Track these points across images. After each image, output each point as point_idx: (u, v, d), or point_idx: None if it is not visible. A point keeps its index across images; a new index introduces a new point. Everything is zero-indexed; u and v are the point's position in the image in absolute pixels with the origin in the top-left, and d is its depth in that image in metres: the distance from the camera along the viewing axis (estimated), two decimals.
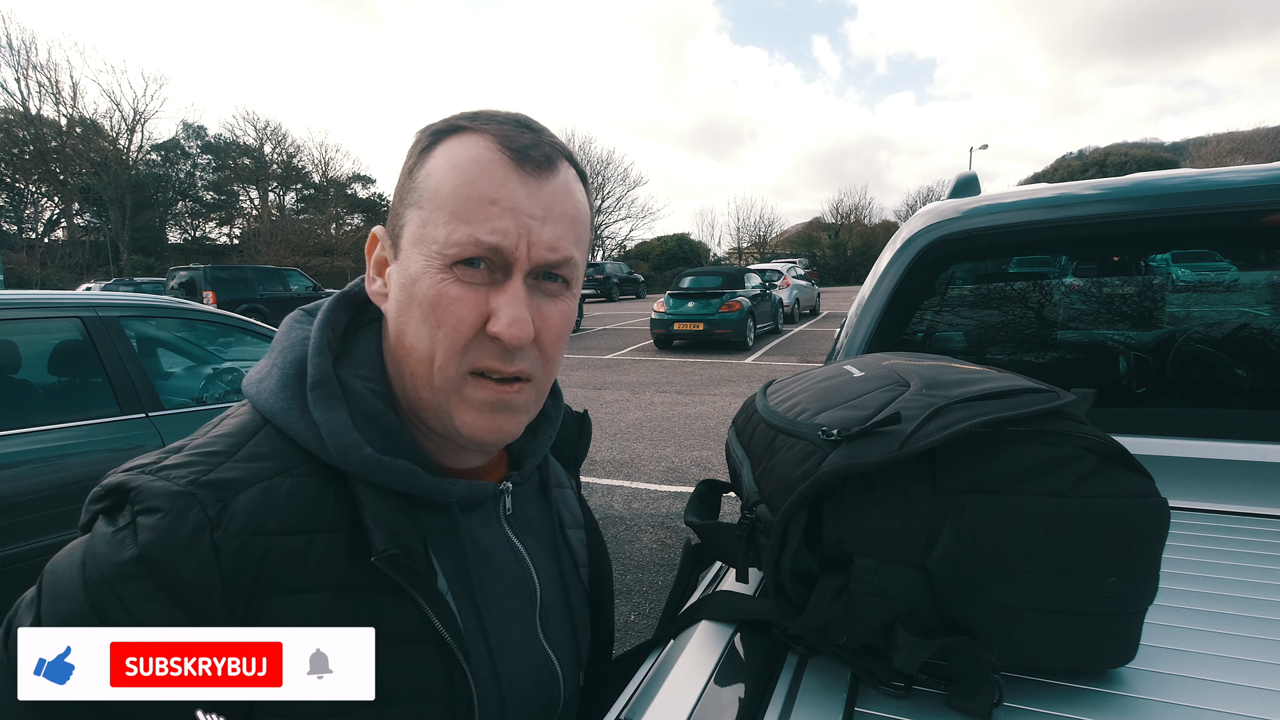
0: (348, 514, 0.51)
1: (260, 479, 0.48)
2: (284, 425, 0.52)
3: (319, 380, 0.53)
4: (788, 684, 0.58)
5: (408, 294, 0.52)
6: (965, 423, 0.53)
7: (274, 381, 0.54)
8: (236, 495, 0.47)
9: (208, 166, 39.18)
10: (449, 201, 0.51)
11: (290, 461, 0.51)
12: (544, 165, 0.53)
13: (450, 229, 0.50)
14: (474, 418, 0.54)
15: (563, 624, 0.66)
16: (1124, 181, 1.29)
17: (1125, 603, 0.53)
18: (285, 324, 0.60)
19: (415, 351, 0.53)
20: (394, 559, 0.49)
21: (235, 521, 0.45)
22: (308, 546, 0.48)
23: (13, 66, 28.96)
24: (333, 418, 0.51)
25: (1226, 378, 1.43)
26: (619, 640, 2.68)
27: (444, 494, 0.55)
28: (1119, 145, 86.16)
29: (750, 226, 50.85)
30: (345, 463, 0.50)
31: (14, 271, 24.14)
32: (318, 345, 0.55)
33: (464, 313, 0.51)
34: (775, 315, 14.03)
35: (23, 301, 2.51)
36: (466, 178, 0.51)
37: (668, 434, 5.91)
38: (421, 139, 0.54)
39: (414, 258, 0.52)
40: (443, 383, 0.53)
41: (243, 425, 0.53)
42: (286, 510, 0.48)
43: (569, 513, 0.74)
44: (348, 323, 0.60)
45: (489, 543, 0.60)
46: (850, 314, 1.52)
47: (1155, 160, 59.16)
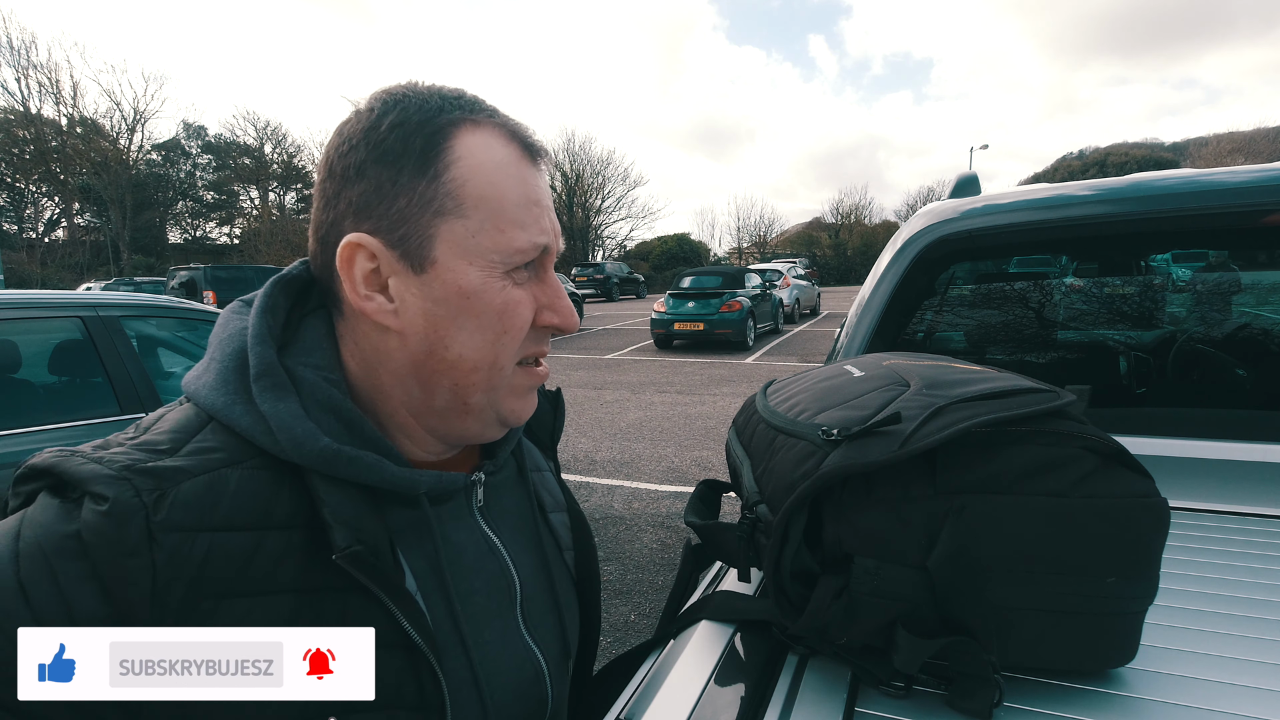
0: (304, 510, 0.47)
1: (205, 470, 0.45)
2: (228, 420, 0.48)
3: (263, 369, 0.49)
4: (788, 684, 0.58)
5: (456, 308, 0.50)
6: (965, 423, 0.53)
7: (213, 376, 0.50)
8: (178, 484, 0.43)
9: (208, 166, 39.21)
10: (502, 209, 0.50)
11: (238, 455, 0.47)
12: (544, 153, 0.54)
13: (511, 236, 0.50)
14: (520, 404, 0.57)
15: (547, 615, 0.64)
16: (1119, 182, 1.30)
17: (1125, 603, 0.53)
18: (222, 316, 0.56)
19: (467, 361, 0.52)
20: (357, 556, 0.46)
21: (175, 513, 0.42)
22: (258, 545, 0.45)
23: (13, 66, 29.00)
24: (282, 408, 0.47)
25: (1226, 378, 1.44)
26: (619, 640, 2.69)
27: (412, 485, 0.52)
28: (1119, 145, 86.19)
29: (750, 226, 50.95)
30: (299, 455, 0.47)
31: (14, 271, 24.14)
32: (258, 333, 0.51)
33: (526, 313, 0.53)
34: (775, 315, 14.03)
35: (23, 301, 2.52)
36: (510, 181, 0.51)
37: (668, 434, 5.91)
38: (414, 134, 0.49)
39: (462, 270, 0.50)
40: (499, 382, 0.54)
41: (183, 421, 0.49)
42: (234, 504, 0.45)
43: (549, 496, 0.72)
44: (289, 309, 0.55)
45: (461, 537, 0.58)
46: (850, 314, 1.52)
47: (1155, 160, 59.16)
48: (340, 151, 0.50)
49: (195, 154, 38.87)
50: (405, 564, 0.52)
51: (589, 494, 4.44)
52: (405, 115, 0.50)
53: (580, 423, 6.42)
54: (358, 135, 0.50)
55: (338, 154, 0.51)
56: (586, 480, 4.72)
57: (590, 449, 5.50)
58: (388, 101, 0.51)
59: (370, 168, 0.49)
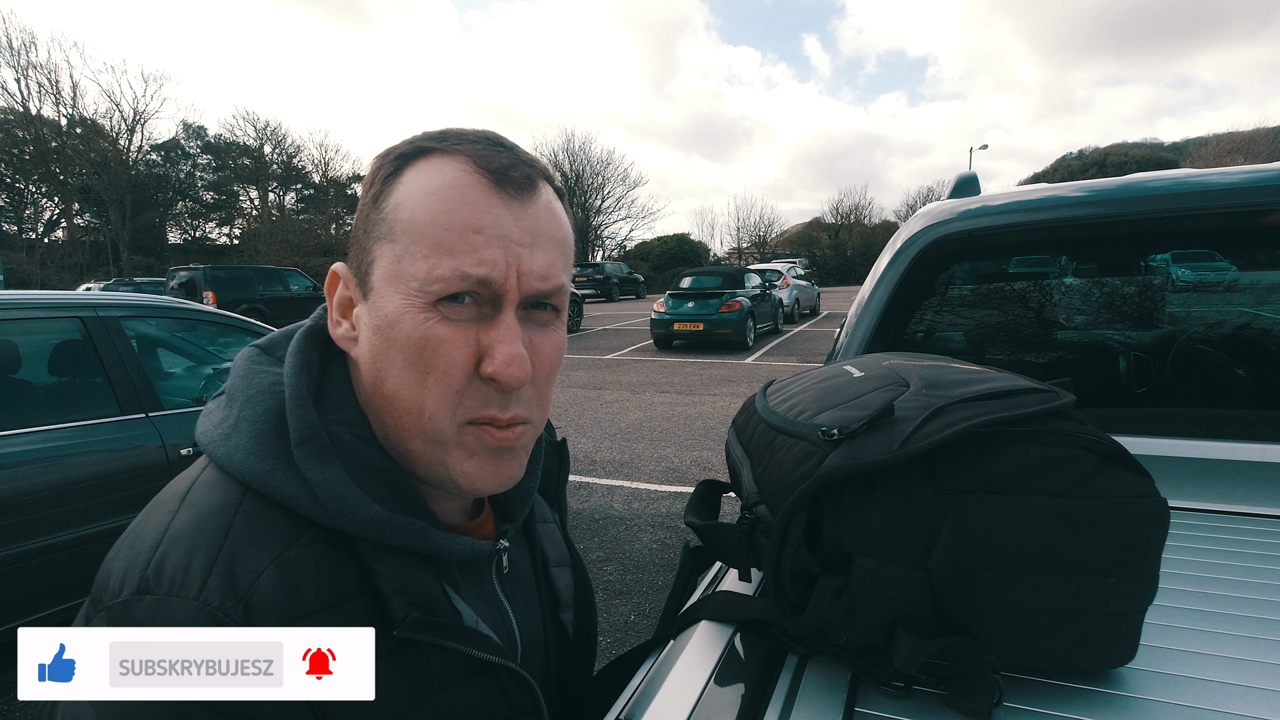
0: (364, 577, 0.47)
1: (270, 559, 0.43)
2: (269, 490, 0.45)
3: (307, 434, 0.47)
4: (788, 684, 0.58)
5: (385, 337, 0.47)
6: (965, 423, 0.53)
7: (245, 439, 0.47)
8: (254, 585, 0.42)
9: (208, 166, 39.18)
10: (428, 232, 0.46)
11: (291, 532, 0.45)
12: (526, 186, 0.49)
13: (431, 263, 0.45)
14: (475, 466, 0.49)
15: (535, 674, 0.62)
16: (1110, 183, 1.30)
17: (1125, 603, 0.53)
18: (242, 365, 0.53)
19: (399, 401, 0.48)
20: (418, 623, 0.46)
21: (268, 615, 0.42)
22: (346, 619, 0.45)
23: (13, 67, 28.98)
24: (329, 475, 0.45)
25: (1226, 378, 1.44)
26: (619, 640, 2.68)
27: (449, 552, 0.51)
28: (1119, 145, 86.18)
29: (750, 226, 50.97)
30: (350, 524, 0.46)
31: (14, 271, 24.14)
32: (298, 394, 0.48)
33: (455, 355, 0.47)
34: (775, 315, 14.03)
35: (23, 301, 2.52)
36: (445, 205, 0.46)
37: (668, 434, 5.91)
38: (384, 165, 0.49)
39: (389, 297, 0.47)
40: (435, 434, 0.48)
41: (221, 499, 0.46)
42: (313, 588, 0.44)
43: (554, 549, 0.70)
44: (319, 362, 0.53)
45: (479, 605, 0.56)
46: (850, 314, 1.52)
47: (1155, 160, 59.17)
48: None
49: (195, 154, 38.85)
50: (463, 602, 0.53)
51: (589, 494, 4.44)
52: (390, 149, 0.50)
53: (580, 423, 6.42)
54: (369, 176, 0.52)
55: None
56: (586, 480, 4.72)
57: (590, 449, 5.50)
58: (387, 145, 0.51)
59: (360, 203, 0.51)
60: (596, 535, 3.75)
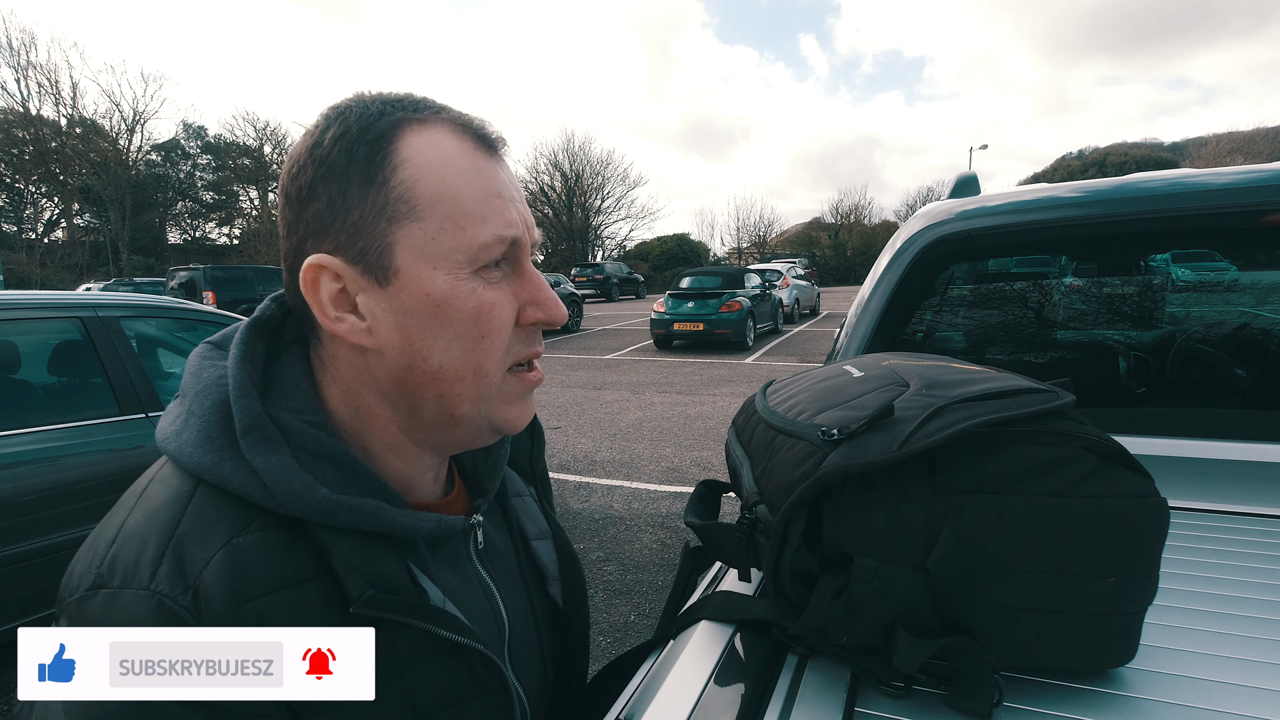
0: (319, 559, 0.47)
1: (218, 546, 0.44)
2: (218, 480, 0.46)
3: (251, 423, 0.47)
4: (788, 684, 0.58)
5: (429, 316, 0.48)
6: (965, 423, 0.53)
7: (194, 433, 0.47)
8: (201, 573, 0.42)
9: (208, 167, 39.22)
10: (461, 204, 0.47)
11: (241, 520, 0.45)
12: (501, 144, 0.52)
13: (472, 234, 0.48)
14: (517, 411, 0.54)
15: (529, 651, 0.63)
16: (1105, 184, 1.30)
17: (1125, 603, 0.53)
18: (193, 362, 0.53)
19: (448, 371, 0.50)
20: (373, 601, 0.46)
21: (215, 600, 0.42)
22: (301, 600, 0.45)
23: (12, 67, 29.00)
24: (275, 462, 0.46)
25: (1226, 378, 1.44)
26: (619, 640, 2.68)
27: (411, 530, 0.51)
28: (1119, 145, 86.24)
29: (750, 226, 50.99)
30: (298, 509, 0.46)
31: (14, 271, 24.15)
32: (240, 385, 0.48)
33: (505, 314, 0.50)
34: (775, 315, 14.03)
35: (23, 302, 2.52)
36: (466, 175, 0.48)
37: (668, 434, 5.91)
38: (357, 143, 0.47)
39: (429, 276, 0.47)
40: (488, 390, 0.51)
41: (172, 493, 0.46)
42: (261, 570, 0.44)
43: (532, 523, 0.70)
44: (266, 352, 0.52)
45: (458, 583, 0.56)
46: (850, 314, 1.52)
47: (1155, 160, 59.19)
48: (291, 175, 0.49)
49: (195, 154, 38.89)
50: (430, 581, 0.52)
51: (589, 494, 4.44)
52: (346, 126, 0.47)
53: (580, 423, 6.42)
54: (304, 155, 0.48)
55: (289, 178, 0.49)
56: (586, 480, 4.72)
57: (590, 449, 5.50)
58: (330, 116, 0.49)
59: (320, 186, 0.47)
60: (596, 535, 3.75)
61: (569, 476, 4.81)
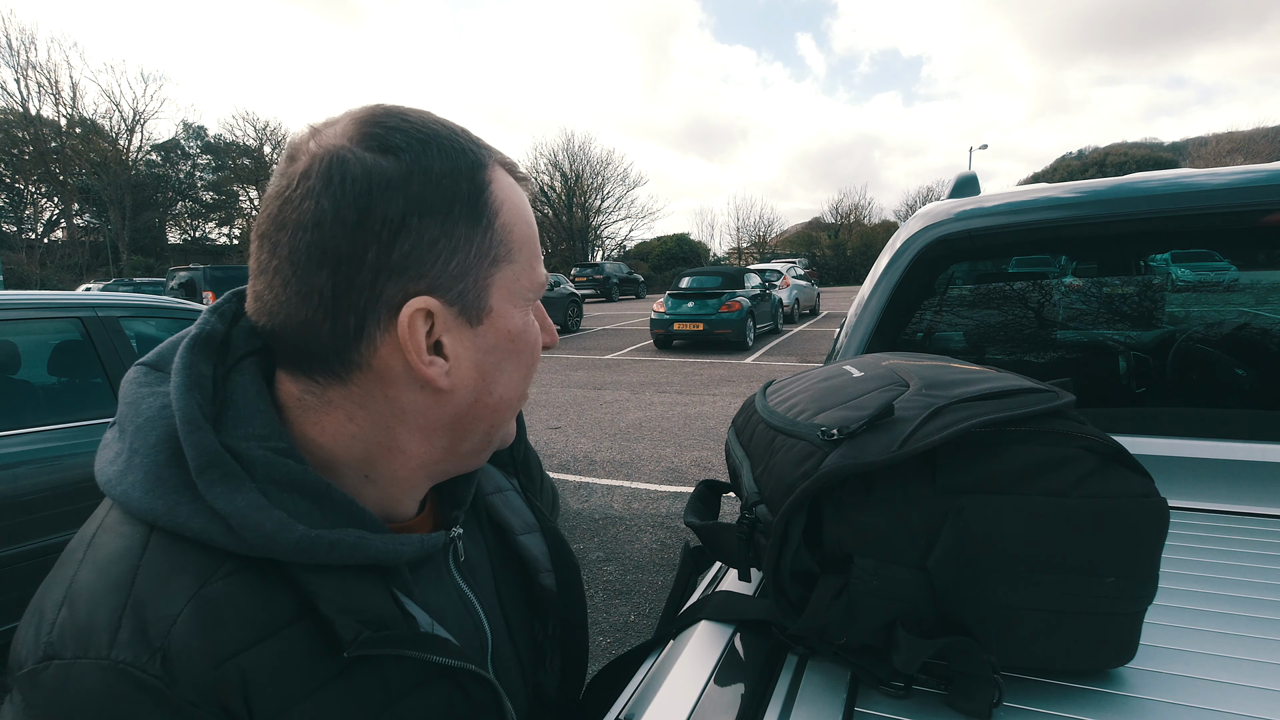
0: (301, 600, 0.42)
1: (185, 600, 0.38)
2: (175, 527, 0.40)
3: (207, 461, 0.41)
4: (788, 684, 0.58)
5: (506, 351, 0.50)
6: (965, 423, 0.53)
7: (140, 475, 0.42)
8: (169, 633, 0.37)
9: (207, 167, 39.22)
10: (534, 244, 0.51)
11: (205, 566, 0.40)
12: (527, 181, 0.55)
13: (539, 270, 0.52)
14: (512, 425, 0.56)
15: (511, 660, 0.61)
16: (1103, 184, 1.31)
17: (1125, 603, 0.53)
18: (129, 389, 0.46)
19: (510, 400, 0.52)
20: (368, 641, 0.42)
21: (191, 662, 0.37)
22: (285, 648, 0.41)
23: (12, 67, 29.01)
24: (240, 501, 0.40)
25: (1226, 377, 1.44)
26: (619, 640, 2.69)
27: (394, 557, 0.47)
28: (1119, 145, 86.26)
29: (750, 226, 51.02)
30: (273, 551, 0.41)
31: (14, 271, 24.14)
32: (189, 418, 0.42)
33: (538, 341, 0.54)
34: (775, 315, 14.03)
35: (23, 302, 2.52)
36: (528, 216, 0.51)
37: (668, 434, 5.91)
38: (460, 181, 0.45)
39: (510, 314, 0.49)
40: (517, 410, 0.55)
41: (124, 543, 0.40)
42: (238, 621, 0.39)
43: (515, 517, 0.67)
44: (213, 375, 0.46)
45: (440, 602, 0.54)
46: (850, 314, 1.52)
47: (1155, 160, 59.20)
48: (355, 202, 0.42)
49: (195, 154, 38.89)
50: (415, 605, 0.50)
51: (589, 494, 4.45)
52: (444, 159, 0.44)
53: (580, 423, 6.43)
54: (377, 181, 0.42)
55: (348, 204, 0.42)
56: (586, 480, 4.72)
57: (590, 449, 5.50)
58: (412, 142, 0.44)
59: (413, 220, 0.43)
60: (596, 535, 3.75)
61: (569, 476, 4.81)
